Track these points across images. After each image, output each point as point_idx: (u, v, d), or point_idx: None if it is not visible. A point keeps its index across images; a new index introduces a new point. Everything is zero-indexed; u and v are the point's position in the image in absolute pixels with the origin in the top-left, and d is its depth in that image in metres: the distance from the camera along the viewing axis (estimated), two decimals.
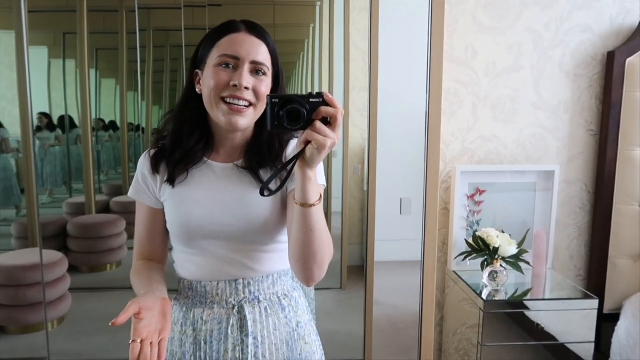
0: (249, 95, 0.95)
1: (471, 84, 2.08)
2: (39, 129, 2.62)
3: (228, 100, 0.94)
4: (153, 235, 1.06)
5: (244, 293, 1.02)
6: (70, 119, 2.66)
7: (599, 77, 2.11)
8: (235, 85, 0.93)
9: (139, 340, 0.82)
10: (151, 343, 0.83)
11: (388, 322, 2.52)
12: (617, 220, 2.06)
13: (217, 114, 0.96)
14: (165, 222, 1.06)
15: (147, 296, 0.88)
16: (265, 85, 0.97)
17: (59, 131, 2.68)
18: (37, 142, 2.65)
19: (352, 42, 2.45)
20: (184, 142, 1.01)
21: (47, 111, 2.64)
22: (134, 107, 2.60)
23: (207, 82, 0.96)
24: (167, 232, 1.07)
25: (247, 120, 0.97)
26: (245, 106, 0.95)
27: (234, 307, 1.02)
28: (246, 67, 0.95)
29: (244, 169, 1.01)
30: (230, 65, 0.95)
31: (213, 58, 0.96)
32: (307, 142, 0.81)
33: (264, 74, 0.97)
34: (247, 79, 0.94)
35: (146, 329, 0.84)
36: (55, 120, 2.66)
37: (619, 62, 2.01)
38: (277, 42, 1.02)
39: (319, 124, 0.80)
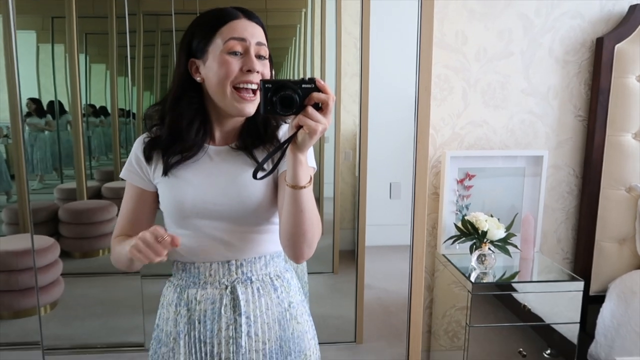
0: (257, 79, 0.98)
1: (462, 70, 2.09)
2: (28, 114, 2.60)
3: (241, 85, 0.97)
4: (139, 215, 1.07)
5: (236, 274, 1.04)
6: (60, 104, 2.64)
7: (588, 63, 2.12)
8: (249, 70, 0.96)
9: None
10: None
11: (379, 305, 2.56)
12: (604, 205, 2.09)
13: (227, 102, 0.98)
14: (152, 205, 1.07)
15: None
16: (268, 68, 1.00)
17: (49, 117, 2.66)
18: (27, 127, 2.63)
19: (343, 28, 2.45)
20: (184, 135, 1.01)
21: (37, 96, 2.61)
22: (124, 93, 2.59)
23: (216, 71, 0.96)
24: (153, 214, 1.08)
25: (254, 105, 0.99)
26: (252, 91, 0.98)
27: (226, 288, 1.04)
28: (253, 51, 0.97)
29: (238, 150, 1.03)
30: (239, 53, 0.96)
31: (217, 46, 0.97)
32: (299, 127, 0.83)
33: (266, 56, 1.00)
34: (257, 62, 0.97)
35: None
36: (44, 105, 2.64)
37: (607, 48, 2.02)
38: (269, 27, 1.04)
39: (310, 110, 0.81)
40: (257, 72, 0.97)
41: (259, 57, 0.99)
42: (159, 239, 0.86)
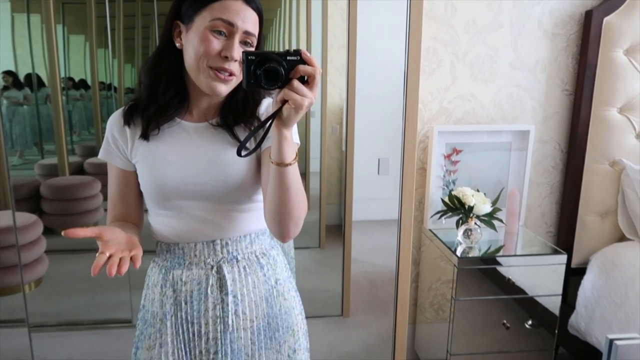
0: (235, 67, 0.93)
1: (450, 42, 2.06)
2: (5, 88, 2.52)
3: (216, 68, 0.93)
4: (125, 196, 1.05)
5: (222, 253, 1.03)
6: (38, 77, 2.56)
7: (576, 37, 2.11)
8: (226, 57, 0.91)
9: (107, 254, 0.82)
10: (121, 259, 0.82)
11: (366, 279, 2.59)
12: (588, 179, 2.11)
13: (200, 78, 0.94)
14: (137, 184, 1.04)
15: (111, 228, 0.87)
16: None
17: (27, 90, 2.58)
18: (4, 102, 2.55)
19: None
20: (159, 98, 0.98)
21: (13, 69, 2.53)
22: (105, 65, 2.51)
23: (195, 45, 0.92)
24: (140, 193, 1.05)
25: (229, 87, 0.95)
26: (230, 74, 0.94)
27: (212, 268, 1.03)
28: (238, 37, 0.92)
29: (219, 127, 1.00)
30: (223, 33, 0.92)
31: (204, 19, 0.92)
32: (284, 102, 0.80)
33: (252, 44, 0.96)
34: (238, 51, 0.92)
35: (115, 246, 0.84)
36: (21, 78, 2.55)
37: (596, 21, 2.01)
38: None
39: (296, 83, 0.78)
40: (236, 60, 0.92)
41: (244, 43, 0.94)
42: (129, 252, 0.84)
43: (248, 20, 0.93)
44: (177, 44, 0.97)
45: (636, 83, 2.04)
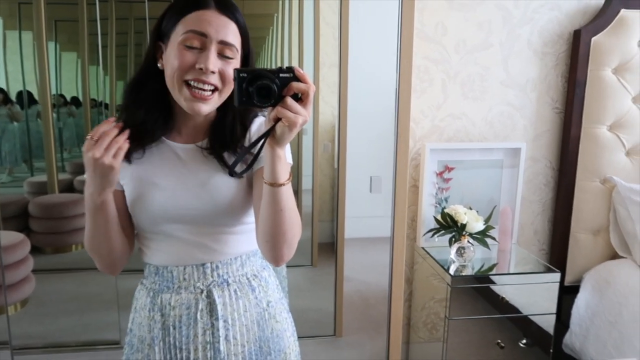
0: (214, 79, 0.90)
1: (442, 62, 2.07)
2: None
3: (192, 83, 0.89)
4: None
5: (212, 277, 1.00)
6: (30, 94, 2.54)
7: (565, 56, 2.13)
8: (200, 69, 0.88)
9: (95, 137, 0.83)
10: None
11: (358, 298, 2.56)
12: (579, 197, 2.12)
13: (179, 98, 0.92)
14: (122, 202, 1.01)
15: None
16: (233, 68, 0.92)
17: (17, 107, 2.56)
18: None
19: (322, 17, 2.41)
20: (142, 119, 0.95)
21: (4, 86, 2.51)
22: (96, 82, 2.50)
23: (171, 61, 0.90)
24: (125, 214, 1.02)
25: (210, 106, 0.92)
26: (210, 91, 0.91)
27: (202, 292, 0.99)
28: (213, 49, 0.89)
29: (207, 151, 0.98)
30: (197, 45, 0.89)
31: (178, 34, 0.90)
32: (277, 120, 0.77)
33: (232, 56, 0.92)
34: (214, 62, 0.89)
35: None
36: (12, 95, 2.54)
37: (584, 41, 2.03)
38: (246, 16, 0.96)
39: (289, 101, 0.76)
40: (213, 72, 0.89)
41: (223, 56, 0.90)
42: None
43: (223, 30, 0.90)
44: (159, 65, 0.95)
45: (625, 101, 2.06)
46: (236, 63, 0.93)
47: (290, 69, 0.77)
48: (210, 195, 0.96)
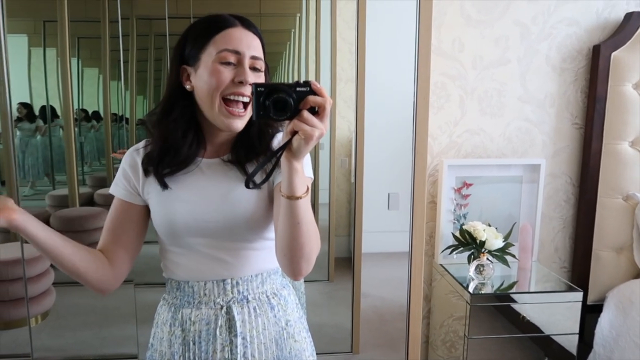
0: (250, 92, 0.93)
1: (458, 77, 2.07)
2: (19, 119, 2.56)
3: (231, 97, 0.93)
4: (118, 227, 1.02)
5: (232, 293, 1.01)
6: (52, 109, 2.60)
7: (584, 71, 2.11)
8: (240, 82, 0.92)
9: None
10: None
11: (375, 314, 2.54)
12: (601, 213, 2.08)
13: (215, 115, 0.94)
14: (136, 220, 1.02)
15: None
16: (262, 80, 0.96)
17: (40, 122, 2.62)
18: (18, 133, 2.59)
19: (338, 33, 2.43)
20: (177, 148, 0.97)
21: (28, 101, 2.58)
22: (117, 97, 2.55)
23: (206, 79, 0.93)
24: (137, 233, 1.03)
25: (243, 122, 0.96)
26: (243, 108, 0.94)
27: (222, 308, 1.00)
28: (247, 63, 0.94)
29: (230, 163, 1.00)
30: (232, 62, 0.93)
31: (211, 54, 0.93)
32: (294, 133, 0.78)
33: (261, 69, 0.97)
34: (250, 75, 0.93)
35: None
36: (36, 110, 2.60)
37: (604, 56, 2.02)
38: (263, 32, 1.01)
39: (306, 114, 0.77)
40: (250, 84, 0.92)
41: (254, 69, 0.95)
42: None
43: (252, 45, 0.95)
44: (188, 87, 0.97)
45: None
46: (263, 77, 0.98)
47: (307, 83, 0.78)
48: (231, 208, 0.97)
